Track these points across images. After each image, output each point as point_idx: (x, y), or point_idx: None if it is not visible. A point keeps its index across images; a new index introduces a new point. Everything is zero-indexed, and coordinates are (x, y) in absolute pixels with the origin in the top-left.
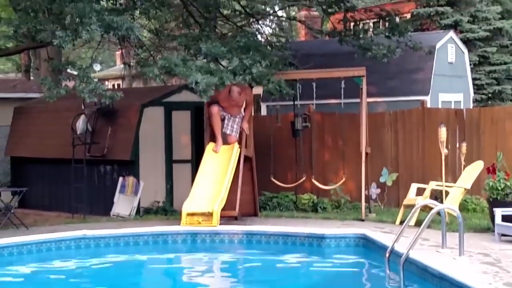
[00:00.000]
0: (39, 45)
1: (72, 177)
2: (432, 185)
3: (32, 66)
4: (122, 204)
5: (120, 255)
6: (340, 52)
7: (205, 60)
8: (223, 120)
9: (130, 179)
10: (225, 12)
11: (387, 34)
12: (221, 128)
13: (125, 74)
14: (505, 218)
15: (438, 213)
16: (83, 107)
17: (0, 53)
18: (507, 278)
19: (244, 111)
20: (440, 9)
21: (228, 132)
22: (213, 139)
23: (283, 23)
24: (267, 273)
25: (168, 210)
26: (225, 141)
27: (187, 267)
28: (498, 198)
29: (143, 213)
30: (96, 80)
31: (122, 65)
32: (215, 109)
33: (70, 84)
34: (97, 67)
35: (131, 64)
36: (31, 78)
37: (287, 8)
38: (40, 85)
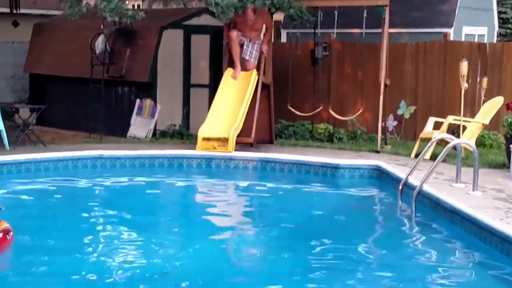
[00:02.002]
0: None
1: (90, 97)
2: (450, 119)
3: None
4: (139, 126)
5: (135, 176)
6: None
7: None
8: (242, 45)
9: (148, 102)
10: None
11: None
12: (240, 54)
13: None
14: None
15: (454, 148)
16: (102, 26)
17: None
18: None
19: (264, 35)
20: None
21: (247, 57)
22: (231, 64)
23: None
24: (280, 201)
25: (184, 134)
26: (244, 67)
27: (201, 191)
28: None
29: (159, 136)
30: None
31: None
32: (234, 34)
33: (91, 2)
34: None
35: None
36: None
37: None
38: (61, 2)
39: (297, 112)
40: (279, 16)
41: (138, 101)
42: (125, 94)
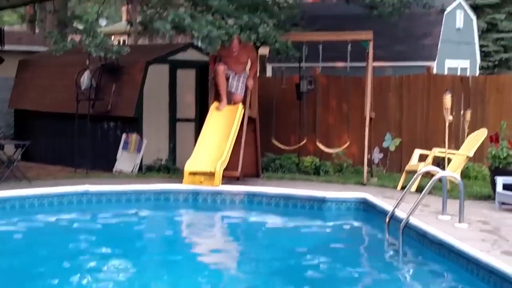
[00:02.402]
0: None
1: (76, 132)
2: (435, 151)
3: (37, 18)
4: (125, 161)
5: (121, 211)
6: (347, 15)
7: (212, 17)
8: (227, 79)
9: (134, 136)
10: None
11: None
12: (226, 87)
13: (130, 30)
14: (506, 187)
15: (440, 180)
16: (87, 62)
17: (7, 5)
18: (505, 246)
19: (249, 69)
20: None
21: (233, 90)
22: (217, 99)
23: None
24: (267, 234)
25: (170, 168)
26: (230, 101)
27: (187, 226)
28: (500, 166)
29: (146, 170)
30: (102, 34)
31: (126, 22)
32: (220, 67)
33: (76, 38)
34: (103, 22)
35: (137, 20)
36: (36, 31)
37: None
38: (45, 38)
39: (281, 146)
40: (264, 50)
41: (124, 135)
42: (111, 129)
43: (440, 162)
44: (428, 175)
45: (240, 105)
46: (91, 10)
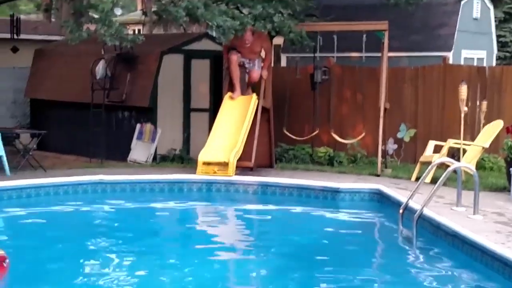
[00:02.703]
0: None
1: (91, 121)
2: (450, 142)
3: (53, 7)
4: (139, 151)
5: (135, 201)
6: (362, 5)
7: (225, 6)
8: (242, 65)
9: (148, 126)
10: None
11: None
12: (240, 75)
13: (145, 20)
14: None
15: (455, 171)
16: (103, 52)
17: None
18: None
19: (263, 60)
20: None
21: (247, 66)
22: (231, 89)
23: None
24: (280, 225)
25: (184, 158)
26: (244, 91)
27: (201, 216)
28: None
29: (160, 160)
30: (117, 23)
31: (141, 11)
32: (234, 56)
33: (91, 27)
34: (118, 11)
35: (152, 9)
36: (52, 20)
37: None
38: (61, 27)
39: (292, 136)
40: (279, 41)
41: (138, 125)
42: (126, 118)
43: (455, 153)
44: (443, 166)
45: (254, 95)
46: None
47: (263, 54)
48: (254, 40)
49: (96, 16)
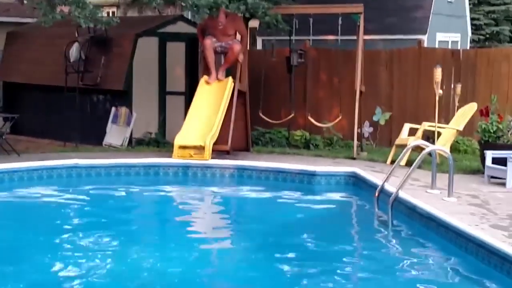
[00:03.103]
0: None
1: (65, 105)
2: (425, 125)
3: None
4: (114, 134)
5: (111, 185)
6: None
7: None
8: (217, 51)
9: (123, 110)
10: None
11: None
12: (215, 60)
13: (120, 1)
14: (496, 161)
15: (429, 154)
16: (76, 34)
17: None
18: (494, 220)
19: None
20: None
21: (224, 45)
22: (207, 72)
23: None
24: (257, 208)
25: (160, 141)
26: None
27: (177, 200)
28: (490, 140)
29: (135, 144)
30: (91, 5)
31: None
32: (208, 41)
33: (65, 9)
34: None
35: None
36: (25, 1)
37: None
38: (34, 9)
39: (268, 120)
40: (254, 23)
41: (113, 109)
42: (100, 102)
43: (430, 136)
44: (417, 149)
45: (230, 79)
46: None
47: (238, 37)
48: (227, 22)
49: None
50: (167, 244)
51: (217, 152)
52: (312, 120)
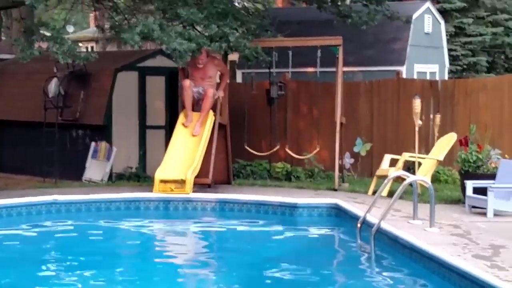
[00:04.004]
0: (12, 5)
1: (44, 140)
2: (405, 156)
3: (3, 25)
4: (94, 169)
5: (91, 221)
6: (317, 20)
7: (181, 26)
8: (194, 98)
9: (103, 144)
10: None
11: (364, 2)
12: (192, 103)
13: (98, 36)
14: (476, 191)
15: (410, 184)
16: (55, 70)
17: None
18: (476, 250)
19: (221, 81)
20: None
21: (201, 91)
22: (184, 114)
23: None
24: (239, 241)
25: (141, 176)
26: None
27: (158, 234)
28: (470, 170)
29: (116, 178)
30: (70, 41)
31: (95, 27)
32: (187, 83)
33: (43, 45)
34: (70, 28)
35: (105, 27)
36: (3, 38)
37: None
38: (12, 46)
39: (253, 152)
40: (234, 56)
41: (93, 144)
42: (80, 137)
43: (410, 167)
44: (399, 179)
45: (211, 112)
46: (58, 17)
47: (216, 78)
48: (208, 63)
49: (47, 34)
50: (148, 279)
51: (198, 186)
52: (290, 152)
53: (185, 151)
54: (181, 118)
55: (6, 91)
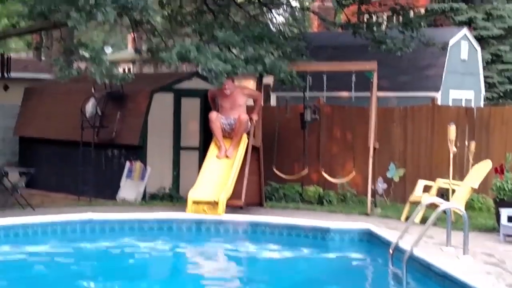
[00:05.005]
0: (53, 26)
1: (80, 160)
2: (439, 182)
3: (43, 45)
4: (129, 189)
5: (125, 240)
6: (352, 45)
7: (217, 48)
8: (224, 130)
9: (138, 164)
10: (238, 0)
11: (400, 28)
12: (222, 133)
13: (136, 58)
14: (511, 219)
15: (444, 211)
16: (93, 90)
17: (14, 32)
18: (510, 279)
19: (254, 106)
20: (455, 5)
21: (232, 121)
22: (216, 145)
23: (296, 13)
24: (270, 265)
25: (174, 196)
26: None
27: (190, 255)
28: (505, 198)
29: (149, 198)
30: (107, 62)
31: (133, 49)
32: (213, 115)
33: (82, 66)
34: (108, 49)
35: (143, 49)
36: (42, 58)
37: None
38: (51, 65)
39: (281, 175)
40: (268, 80)
41: (128, 163)
42: (115, 156)
43: (444, 193)
44: (432, 206)
45: (245, 135)
46: (97, 38)
47: (243, 102)
48: (236, 92)
49: (86, 54)
50: None
51: (231, 207)
52: (326, 176)
53: (218, 173)
54: (213, 149)
55: (44, 110)
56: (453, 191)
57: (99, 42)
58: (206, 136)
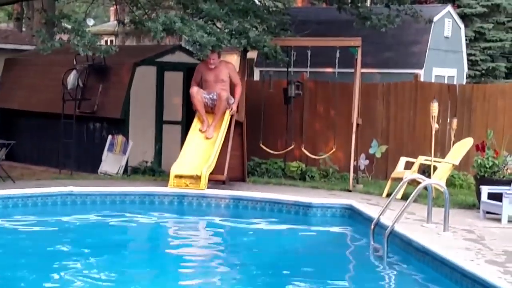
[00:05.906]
0: None
1: (61, 132)
2: (421, 159)
3: (24, 16)
4: (110, 162)
5: (106, 213)
6: (337, 21)
7: (202, 21)
8: (207, 105)
9: (119, 138)
10: None
11: (386, 2)
12: (204, 106)
13: (118, 31)
14: (491, 196)
15: (425, 188)
16: (75, 62)
17: None
18: (489, 255)
19: (234, 93)
20: None
21: (213, 96)
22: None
23: None
24: (252, 239)
25: (156, 170)
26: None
27: (172, 229)
28: (486, 175)
29: (131, 172)
30: (90, 34)
31: (115, 21)
32: (193, 90)
33: (64, 37)
34: (90, 21)
35: (125, 21)
36: (23, 29)
37: None
38: (33, 37)
39: (268, 150)
40: (252, 54)
41: (110, 137)
42: (97, 130)
43: (425, 170)
44: (413, 182)
45: (227, 111)
46: (79, 10)
47: (227, 83)
48: (221, 66)
49: (68, 26)
50: (160, 275)
51: (213, 182)
52: (306, 152)
53: (201, 147)
54: (196, 123)
55: (25, 82)
56: (435, 168)
57: (81, 14)
58: (189, 110)
